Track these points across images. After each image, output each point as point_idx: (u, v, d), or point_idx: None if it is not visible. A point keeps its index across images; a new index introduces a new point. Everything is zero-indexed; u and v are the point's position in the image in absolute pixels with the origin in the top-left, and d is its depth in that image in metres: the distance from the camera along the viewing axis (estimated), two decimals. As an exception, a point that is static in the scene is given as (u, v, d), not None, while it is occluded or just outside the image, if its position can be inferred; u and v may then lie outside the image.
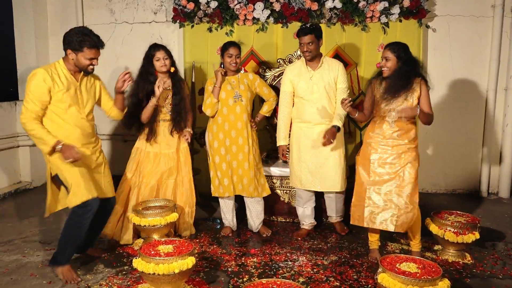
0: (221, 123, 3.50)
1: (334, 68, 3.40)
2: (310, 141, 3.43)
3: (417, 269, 2.38)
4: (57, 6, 5.11)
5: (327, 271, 2.98)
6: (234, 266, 3.04)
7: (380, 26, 4.33)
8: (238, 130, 3.48)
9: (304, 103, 3.42)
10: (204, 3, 4.41)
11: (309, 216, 3.65)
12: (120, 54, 5.03)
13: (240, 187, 3.53)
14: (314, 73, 3.40)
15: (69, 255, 2.87)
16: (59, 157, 2.73)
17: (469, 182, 4.81)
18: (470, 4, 4.51)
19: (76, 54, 2.73)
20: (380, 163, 3.03)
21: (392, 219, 2.98)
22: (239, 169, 3.51)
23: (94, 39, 2.74)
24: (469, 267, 3.05)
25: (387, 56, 2.97)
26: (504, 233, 3.68)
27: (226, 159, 3.52)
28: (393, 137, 3.01)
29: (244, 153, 3.49)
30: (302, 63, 3.47)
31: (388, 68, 2.98)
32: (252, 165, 3.50)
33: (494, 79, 4.55)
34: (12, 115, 4.85)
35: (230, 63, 3.45)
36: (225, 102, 3.47)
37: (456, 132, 4.70)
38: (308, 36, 3.28)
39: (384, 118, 3.03)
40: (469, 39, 4.57)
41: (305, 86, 3.40)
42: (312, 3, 4.28)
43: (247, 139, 3.49)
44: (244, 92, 3.48)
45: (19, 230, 3.71)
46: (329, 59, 3.49)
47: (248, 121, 3.51)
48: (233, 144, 3.50)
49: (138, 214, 3.23)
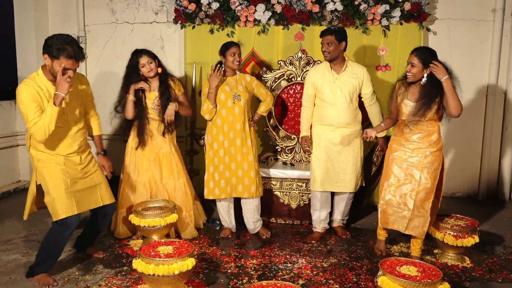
0: (220, 125, 3.50)
1: (358, 73, 3.43)
2: (331, 144, 3.46)
3: (417, 272, 2.38)
4: (58, 5, 5.10)
5: (327, 273, 2.98)
6: (234, 268, 3.04)
7: (381, 29, 4.34)
8: (236, 131, 3.47)
9: (326, 106, 3.43)
10: (205, 4, 4.41)
11: (323, 220, 3.65)
12: (120, 54, 5.01)
13: (241, 188, 3.51)
14: (338, 76, 3.41)
15: (46, 268, 2.84)
16: (44, 167, 2.72)
17: (468, 185, 4.82)
18: (471, 8, 4.53)
19: (52, 60, 2.57)
20: (398, 163, 3.07)
21: (404, 222, 3.04)
22: (238, 170, 3.50)
23: (74, 50, 2.56)
24: (468, 271, 3.06)
25: (413, 62, 2.95)
26: (503, 237, 3.69)
27: (224, 160, 3.51)
28: (414, 141, 3.03)
29: (243, 154, 3.49)
30: (326, 66, 3.47)
31: (413, 75, 2.96)
32: (251, 165, 3.50)
33: (494, 82, 4.56)
34: (12, 114, 4.85)
35: (233, 62, 3.45)
36: (224, 103, 3.47)
37: (456, 135, 4.71)
38: (328, 37, 3.32)
39: (404, 121, 3.05)
40: (470, 43, 4.59)
41: (328, 89, 3.41)
42: (314, 5, 4.29)
43: (245, 139, 3.49)
44: (243, 92, 3.48)
45: (18, 230, 3.70)
46: (353, 64, 3.50)
47: (247, 122, 3.51)
48: (232, 145, 3.49)
49: (138, 215, 3.23)
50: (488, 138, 4.66)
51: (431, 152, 2.99)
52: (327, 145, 3.47)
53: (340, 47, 3.37)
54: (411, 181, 3.01)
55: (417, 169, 3.01)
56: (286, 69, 4.18)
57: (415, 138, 3.02)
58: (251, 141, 3.52)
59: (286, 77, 4.18)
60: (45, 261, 2.83)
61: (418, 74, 2.95)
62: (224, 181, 3.52)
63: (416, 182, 3.00)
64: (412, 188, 3.01)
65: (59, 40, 2.56)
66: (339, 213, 3.72)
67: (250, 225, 3.66)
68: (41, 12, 5.05)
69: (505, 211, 4.37)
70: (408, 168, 3.04)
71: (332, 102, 3.41)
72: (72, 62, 2.57)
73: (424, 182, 2.99)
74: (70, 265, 3.04)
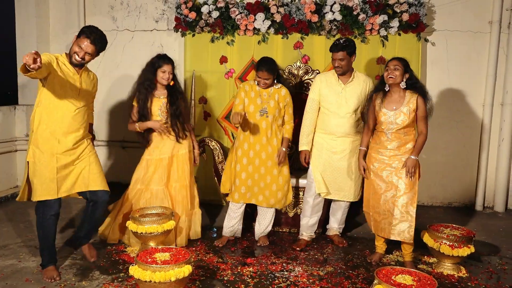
0: (247, 134, 3.53)
1: (364, 84, 3.45)
2: (331, 152, 3.47)
3: (413, 282, 2.39)
4: (59, 12, 5.15)
5: (323, 282, 2.98)
6: (230, 275, 3.04)
7: (380, 39, 4.39)
8: (262, 144, 3.50)
9: (330, 115, 3.45)
10: (205, 13, 4.46)
11: (311, 227, 3.66)
12: (120, 61, 5.06)
13: (261, 198, 3.55)
14: (345, 87, 3.42)
15: (47, 257, 2.96)
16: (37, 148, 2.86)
17: (465, 195, 4.84)
18: (468, 20, 4.58)
19: (75, 41, 2.86)
20: (377, 173, 3.16)
21: (389, 228, 3.11)
22: (260, 182, 3.53)
23: (93, 33, 2.84)
24: (464, 281, 3.07)
25: (396, 65, 3.08)
26: (499, 247, 3.70)
27: (247, 169, 3.53)
28: (391, 149, 3.12)
29: (267, 167, 3.52)
30: (333, 75, 3.48)
31: (395, 77, 3.07)
32: (275, 178, 3.53)
33: (491, 94, 4.60)
34: (11, 119, 4.86)
35: (259, 83, 3.49)
36: (252, 115, 3.50)
37: (453, 146, 4.74)
38: (341, 53, 3.31)
39: (382, 130, 3.13)
40: (467, 54, 4.63)
41: (334, 98, 3.43)
42: (313, 15, 4.34)
43: (272, 154, 3.51)
44: (273, 109, 3.49)
45: (15, 235, 3.70)
46: (360, 74, 3.51)
47: (274, 136, 3.51)
48: (256, 157, 3.51)
49: (135, 221, 3.24)
50: (485, 149, 4.69)
51: (406, 157, 3.10)
52: (328, 154, 3.49)
53: (351, 60, 3.40)
54: (391, 187, 3.11)
55: (396, 175, 3.10)
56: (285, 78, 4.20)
57: (391, 146, 3.12)
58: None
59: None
60: (43, 249, 2.96)
61: (399, 78, 3.07)
62: (245, 188, 3.55)
63: (395, 188, 3.09)
64: (393, 194, 3.10)
65: (88, 27, 2.90)
66: (336, 221, 3.73)
67: (261, 231, 3.67)
68: (42, 18, 5.10)
69: (501, 222, 4.39)
70: (388, 176, 3.12)
71: (336, 112, 3.42)
72: (87, 42, 2.83)
73: (403, 187, 3.07)
74: (66, 271, 3.04)
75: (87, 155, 3.02)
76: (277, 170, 3.54)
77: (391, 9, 4.28)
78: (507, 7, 4.50)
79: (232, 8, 4.43)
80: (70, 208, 4.37)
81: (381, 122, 3.14)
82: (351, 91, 3.42)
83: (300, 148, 3.58)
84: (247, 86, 3.59)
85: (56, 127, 2.88)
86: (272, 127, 3.51)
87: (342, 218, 3.73)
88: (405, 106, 3.08)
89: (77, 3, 5.04)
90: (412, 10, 4.25)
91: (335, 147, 3.47)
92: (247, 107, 3.53)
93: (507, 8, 4.50)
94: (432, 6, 4.55)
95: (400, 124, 3.07)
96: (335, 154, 3.47)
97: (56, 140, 2.88)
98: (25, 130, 4.89)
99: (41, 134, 2.87)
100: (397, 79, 3.07)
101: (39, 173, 2.85)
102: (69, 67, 2.91)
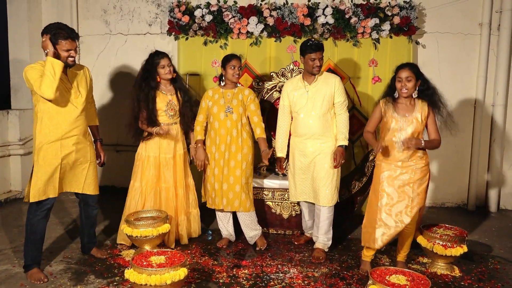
0: (214, 136, 3.53)
1: (330, 82, 3.41)
2: (302, 156, 3.45)
3: (406, 282, 2.41)
4: (52, 16, 5.12)
5: (318, 283, 3.00)
6: (226, 278, 3.05)
7: (371, 41, 4.42)
8: (227, 144, 3.49)
9: (298, 117, 3.45)
10: (199, 17, 4.48)
11: (310, 227, 3.71)
12: (114, 65, 5.06)
13: (225, 201, 3.50)
14: (310, 87, 3.42)
15: (32, 257, 3.00)
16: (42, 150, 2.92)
17: (457, 195, 4.88)
18: (459, 22, 4.64)
19: (55, 48, 2.87)
20: (389, 182, 3.03)
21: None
22: (223, 184, 3.50)
23: (67, 31, 2.88)
24: (457, 280, 3.10)
25: (408, 76, 2.95)
26: (491, 247, 3.74)
27: (214, 172, 3.53)
28: (403, 159, 3.02)
29: (230, 168, 3.48)
30: (299, 78, 3.50)
31: (409, 89, 2.97)
32: (238, 179, 3.47)
33: (482, 95, 4.66)
34: (4, 123, 4.83)
35: (233, 75, 3.48)
36: (216, 116, 3.50)
37: (445, 146, 4.75)
38: (320, 52, 3.33)
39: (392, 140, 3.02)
40: (457, 56, 4.69)
41: (300, 100, 3.43)
42: (305, 19, 4.37)
43: (235, 154, 3.48)
44: (236, 106, 3.50)
45: (9, 240, 3.68)
46: (326, 73, 3.51)
47: (240, 135, 3.49)
48: (221, 158, 3.51)
49: (130, 225, 3.24)
50: (476, 149, 4.74)
51: (420, 168, 3.02)
52: (298, 157, 3.47)
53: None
54: (405, 198, 3.01)
55: (409, 186, 3.01)
56: (278, 80, 4.24)
57: (403, 156, 3.01)
58: (243, 156, 3.49)
59: (278, 88, 4.23)
60: (28, 249, 2.99)
61: (412, 89, 2.98)
62: (214, 193, 3.54)
63: (410, 198, 3.00)
64: (406, 204, 3.00)
65: (51, 29, 2.88)
66: (317, 229, 3.51)
67: (247, 235, 3.65)
68: (35, 22, 5.08)
69: (494, 221, 4.44)
70: (400, 186, 3.02)
71: (303, 113, 3.41)
72: (69, 42, 2.88)
73: (417, 197, 3.01)
74: (61, 276, 3.03)
75: (88, 159, 3.13)
76: (240, 170, 3.48)
77: (382, 12, 4.33)
78: (497, 9, 4.56)
79: (225, 12, 4.45)
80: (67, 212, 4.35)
81: (391, 130, 3.02)
82: (317, 90, 3.39)
83: (276, 155, 3.60)
84: (211, 91, 3.61)
85: (58, 130, 2.93)
86: (238, 126, 3.50)
87: (323, 226, 3.44)
88: (417, 112, 3.00)
89: (70, 7, 5.04)
90: (403, 13, 4.30)
91: (304, 150, 3.43)
92: (211, 109, 3.53)
93: (497, 10, 4.57)
94: (423, 9, 4.60)
95: (413, 130, 2.98)
96: (306, 157, 3.43)
97: (59, 142, 2.94)
98: (18, 135, 4.86)
99: (44, 137, 2.92)
100: (410, 91, 2.98)
101: (43, 174, 2.92)
102: None
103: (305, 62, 3.38)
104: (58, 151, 2.94)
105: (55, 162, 2.94)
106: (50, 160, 2.93)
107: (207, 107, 3.57)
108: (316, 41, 3.38)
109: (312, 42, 3.37)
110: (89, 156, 3.14)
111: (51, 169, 2.93)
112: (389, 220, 3.02)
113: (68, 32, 2.88)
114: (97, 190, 3.23)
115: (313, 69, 3.36)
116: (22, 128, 4.88)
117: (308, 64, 3.36)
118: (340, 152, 3.35)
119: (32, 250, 3.00)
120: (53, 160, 2.94)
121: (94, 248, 3.38)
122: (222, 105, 3.50)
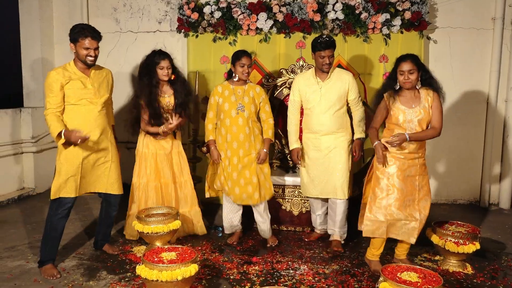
0: (224, 134, 3.53)
1: (344, 79, 3.41)
2: (317, 150, 3.47)
3: (418, 279, 2.40)
4: (63, 15, 5.18)
5: (329, 279, 3.00)
6: (236, 274, 3.06)
7: (382, 37, 4.39)
8: (239, 142, 3.48)
9: (311, 114, 3.45)
10: (208, 13, 4.48)
11: (321, 223, 3.72)
12: (124, 62, 5.09)
13: (245, 196, 3.52)
14: (323, 84, 3.41)
15: (48, 253, 3.05)
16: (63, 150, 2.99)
17: (470, 192, 4.83)
18: (471, 17, 4.58)
19: (75, 46, 2.97)
20: (398, 175, 3.00)
21: (414, 232, 3.00)
22: (240, 179, 3.50)
23: (84, 29, 2.96)
24: (469, 278, 3.07)
25: (411, 69, 2.93)
26: (504, 244, 3.70)
27: (227, 170, 3.54)
28: (410, 152, 3.00)
29: (244, 164, 3.49)
30: (311, 74, 3.49)
31: (412, 81, 2.95)
32: (254, 172, 3.48)
33: (495, 90, 4.59)
34: (17, 122, 4.90)
35: (243, 72, 3.46)
36: (228, 113, 3.50)
37: (457, 143, 4.73)
38: (330, 50, 3.32)
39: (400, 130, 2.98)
40: (470, 51, 4.63)
41: (313, 96, 3.42)
42: (315, 14, 4.34)
43: (249, 150, 3.49)
44: (248, 104, 3.49)
45: (23, 236, 3.73)
46: (338, 70, 3.51)
47: (252, 133, 3.50)
48: (234, 156, 3.50)
49: (141, 221, 3.26)
50: (489, 145, 4.68)
51: (422, 159, 3.05)
52: (313, 153, 3.48)
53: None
54: (412, 191, 3.00)
55: (416, 178, 3.02)
56: (288, 77, 4.22)
57: (411, 148, 2.98)
58: (256, 152, 3.51)
59: (288, 85, 4.22)
60: (46, 245, 3.05)
61: (415, 81, 2.96)
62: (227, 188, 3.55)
63: (416, 191, 3.01)
64: (415, 197, 3.00)
65: (76, 28, 2.99)
66: (333, 223, 3.56)
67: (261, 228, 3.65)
68: (46, 21, 5.13)
69: (507, 218, 4.38)
70: (407, 178, 3.00)
71: (316, 110, 3.42)
72: (89, 40, 2.94)
73: (425, 189, 3.03)
74: (74, 272, 3.07)
75: (109, 159, 3.18)
76: (255, 165, 3.49)
77: (393, 7, 4.28)
78: (510, 3, 4.49)
79: (234, 8, 4.44)
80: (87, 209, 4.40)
81: (398, 122, 2.99)
82: (330, 87, 3.40)
83: (290, 148, 3.61)
84: (220, 87, 3.56)
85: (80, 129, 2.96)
86: (249, 123, 3.49)
87: (338, 220, 3.51)
88: (423, 102, 2.98)
89: (80, 5, 5.08)
90: (414, 8, 4.25)
91: (319, 145, 3.45)
92: (221, 106, 3.51)
93: (510, 5, 4.50)
94: (434, 3, 4.55)
95: (421, 121, 2.96)
96: (320, 152, 3.45)
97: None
98: (30, 133, 4.92)
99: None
100: (413, 83, 2.96)
101: (65, 172, 2.99)
102: (78, 73, 3.03)
103: (316, 59, 3.39)
104: (80, 150, 3.00)
105: (76, 161, 3.01)
106: (71, 160, 3.00)
107: (217, 103, 3.56)
108: (326, 38, 3.36)
109: (323, 39, 3.35)
110: (110, 156, 3.18)
111: (73, 168, 3.00)
112: (397, 213, 2.98)
113: (89, 31, 2.95)
114: (121, 189, 3.27)
115: (322, 66, 3.36)
116: (34, 126, 4.94)
117: (318, 62, 3.37)
118: (358, 144, 3.48)
119: (49, 247, 3.05)
120: (74, 159, 3.00)
121: (106, 245, 3.42)
122: (234, 102, 3.49)
